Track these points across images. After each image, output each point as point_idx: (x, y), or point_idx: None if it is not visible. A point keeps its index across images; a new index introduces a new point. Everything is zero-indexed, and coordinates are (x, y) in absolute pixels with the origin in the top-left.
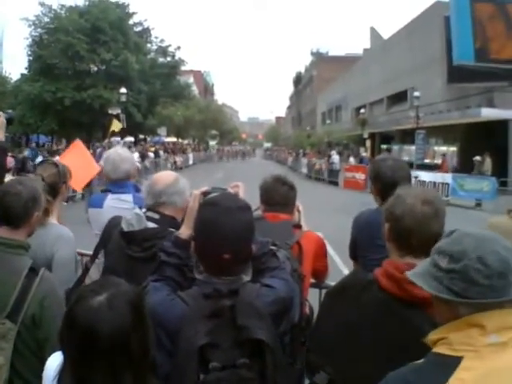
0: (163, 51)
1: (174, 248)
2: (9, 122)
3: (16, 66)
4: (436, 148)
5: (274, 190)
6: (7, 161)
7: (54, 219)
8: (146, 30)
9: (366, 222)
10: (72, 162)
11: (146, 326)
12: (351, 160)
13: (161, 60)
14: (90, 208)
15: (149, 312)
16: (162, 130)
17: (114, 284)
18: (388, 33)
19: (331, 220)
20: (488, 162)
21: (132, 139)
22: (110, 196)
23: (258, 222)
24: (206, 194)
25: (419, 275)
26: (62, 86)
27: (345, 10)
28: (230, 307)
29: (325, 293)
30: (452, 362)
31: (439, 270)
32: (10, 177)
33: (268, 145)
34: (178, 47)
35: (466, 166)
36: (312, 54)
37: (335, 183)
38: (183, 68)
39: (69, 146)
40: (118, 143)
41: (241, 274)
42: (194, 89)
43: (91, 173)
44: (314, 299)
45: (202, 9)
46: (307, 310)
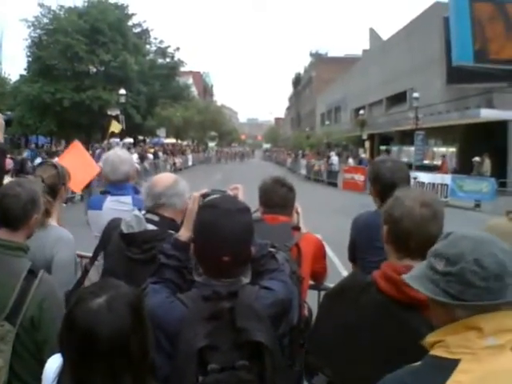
0: (162, 52)
1: (173, 250)
2: (7, 123)
3: (15, 67)
4: (435, 149)
5: (273, 191)
6: (6, 162)
7: (53, 221)
8: (145, 31)
9: (365, 224)
10: (71, 163)
11: (146, 328)
12: (350, 161)
13: (160, 61)
14: (89, 210)
15: (148, 314)
16: (161, 131)
17: (113, 286)
18: (387, 34)
19: (330, 221)
20: (487, 163)
21: (131, 140)
22: (110, 198)
23: (257, 223)
24: (205, 196)
25: (415, 278)
26: (61, 87)
27: (344, 11)
28: (229, 309)
29: (323, 295)
30: (449, 364)
31: (436, 272)
32: (8, 178)
33: (267, 146)
34: (177, 48)
35: (465, 167)
36: (311, 54)
37: (334, 184)
38: (182, 69)
39: (68, 147)
40: (117, 144)
41: (240, 276)
42: (193, 90)
43: (91, 174)
44: (313, 301)
45: (201, 10)
46: (306, 312)
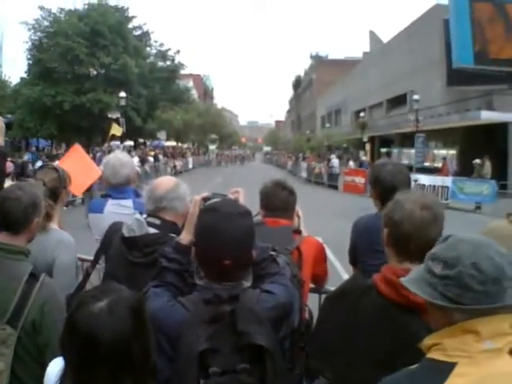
0: (162, 55)
1: (174, 254)
2: (8, 126)
3: (15, 70)
4: (436, 151)
5: (274, 195)
6: (7, 166)
7: (55, 224)
8: (146, 34)
9: (366, 228)
10: (71, 167)
11: (147, 331)
12: (351, 164)
13: (160, 64)
14: (90, 213)
15: (149, 317)
16: (162, 134)
17: (114, 290)
18: (387, 36)
19: (331, 224)
20: (488, 165)
21: (132, 143)
22: (111, 201)
23: (258, 227)
24: (206, 199)
25: (413, 281)
26: (62, 90)
27: (344, 13)
28: (230, 313)
29: (324, 298)
30: (446, 367)
31: (433, 276)
32: (9, 182)
33: (268, 149)
34: (178, 51)
35: (465, 170)
36: (311, 57)
37: (335, 187)
38: (183, 72)
39: (68, 150)
40: (117, 147)
41: (241, 280)
42: (194, 93)
43: (92, 177)
44: (314, 304)
45: (200, 13)
46: (307, 315)
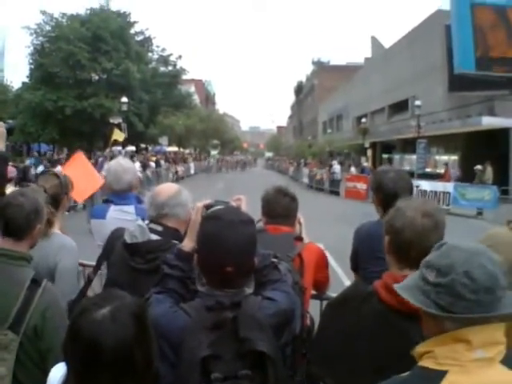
0: (164, 60)
1: (176, 261)
2: (9, 132)
3: (17, 75)
4: (437, 157)
5: (275, 202)
6: (9, 170)
7: (56, 229)
8: (148, 39)
9: (367, 234)
10: (74, 174)
11: (150, 338)
12: (352, 170)
13: (162, 69)
14: (92, 219)
15: (152, 324)
16: (164, 140)
17: (117, 297)
18: (389, 42)
19: (333, 230)
20: (489, 171)
21: (133, 148)
22: (113, 207)
23: (260, 234)
24: (208, 207)
25: (407, 288)
26: (63, 95)
27: (346, 19)
28: (232, 319)
29: (326, 304)
30: (436, 375)
31: (427, 283)
32: (11, 187)
33: (269, 154)
34: (179, 56)
35: (467, 175)
36: (313, 63)
37: (336, 193)
38: (184, 77)
39: (70, 154)
40: (119, 153)
41: (243, 287)
42: (196, 98)
43: (94, 185)
44: (315, 310)
45: (202, 18)
46: (308, 322)
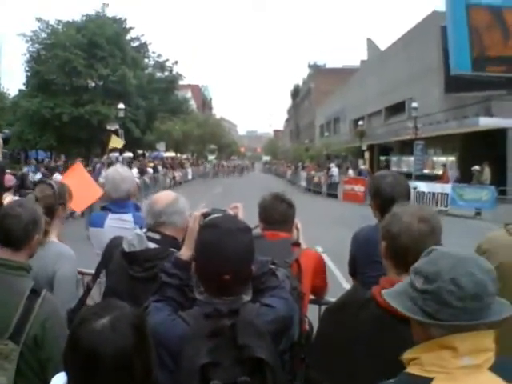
0: (161, 66)
1: (174, 269)
2: (5, 141)
3: (14, 82)
4: (435, 158)
5: (272, 208)
6: (8, 179)
7: (53, 237)
8: (144, 45)
9: (365, 239)
10: (73, 184)
11: (149, 347)
12: (350, 172)
13: (158, 75)
14: (90, 227)
15: (150, 332)
16: (161, 145)
17: (116, 307)
18: (385, 44)
19: (331, 233)
20: (487, 172)
21: (131, 155)
22: (111, 216)
23: (258, 240)
24: (206, 215)
25: (395, 294)
26: (60, 102)
27: (341, 21)
28: (230, 327)
29: (324, 309)
30: (422, 382)
31: (415, 290)
32: (10, 195)
33: (267, 158)
34: (176, 62)
35: (465, 176)
36: (309, 66)
37: (334, 196)
38: (181, 82)
39: (67, 161)
40: (116, 159)
41: (241, 294)
42: (192, 103)
43: (93, 196)
44: (314, 315)
45: (197, 24)
46: (307, 327)
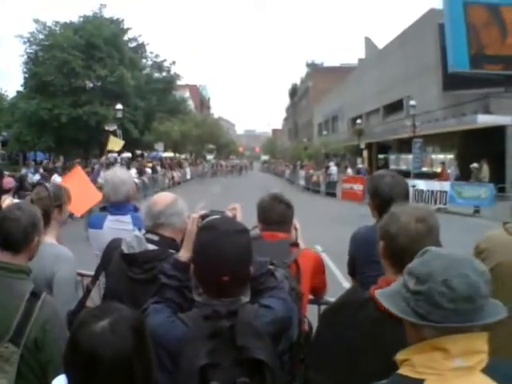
0: (158, 66)
1: (173, 271)
2: (3, 144)
3: (12, 84)
4: (433, 156)
5: (271, 209)
6: (7, 181)
7: (50, 238)
8: (141, 46)
9: (364, 239)
10: (73, 187)
11: (148, 349)
12: (349, 171)
13: (156, 75)
14: (89, 228)
15: (150, 333)
16: (160, 146)
17: (115, 309)
18: (383, 42)
19: (330, 232)
20: (485, 169)
21: (129, 155)
22: (110, 217)
23: (256, 241)
24: (204, 217)
25: (388, 295)
26: (58, 103)
27: (339, 20)
28: (229, 328)
29: (324, 309)
30: None
31: (408, 291)
32: (10, 197)
33: (265, 157)
34: (173, 62)
35: (463, 174)
36: (307, 65)
37: (333, 195)
38: (179, 83)
39: (66, 163)
40: (115, 160)
41: (239, 296)
42: (190, 103)
43: (93, 200)
44: (313, 315)
45: (194, 24)
46: (306, 327)
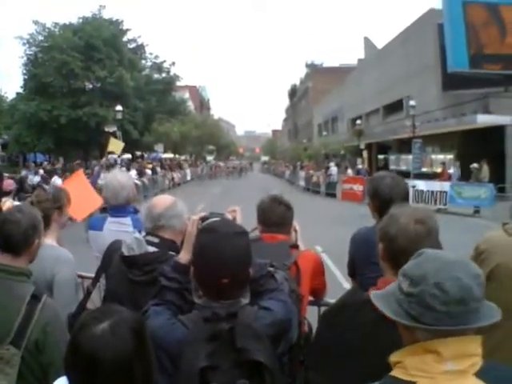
0: (158, 67)
1: (173, 273)
2: (4, 146)
3: (11, 85)
4: (433, 156)
5: (270, 210)
6: (7, 183)
7: (50, 240)
8: (140, 47)
9: (363, 240)
10: (74, 191)
11: (148, 351)
12: (349, 172)
13: (156, 76)
14: (90, 230)
15: (150, 335)
16: (159, 147)
17: (116, 312)
18: (382, 42)
19: (330, 233)
20: (485, 169)
21: (129, 156)
22: (110, 219)
23: (256, 243)
24: (204, 219)
25: (383, 296)
26: (58, 105)
27: (338, 20)
28: (228, 330)
29: (323, 311)
30: None
31: (402, 293)
32: (10, 199)
33: (265, 158)
34: (173, 63)
35: (463, 174)
36: (307, 65)
37: (333, 195)
38: (178, 83)
39: (66, 164)
40: (115, 161)
41: (239, 298)
42: (190, 104)
43: (93, 205)
44: (313, 316)
45: (194, 25)
46: (306, 328)
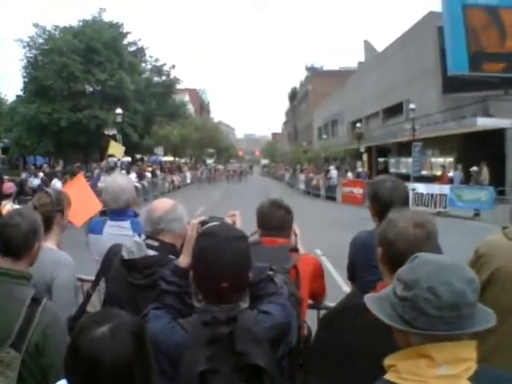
0: (158, 70)
1: (173, 276)
2: (4, 150)
3: (11, 88)
4: (433, 159)
5: (270, 214)
6: (8, 186)
7: (52, 244)
8: (141, 50)
9: (363, 244)
10: (74, 195)
11: (148, 355)
12: (349, 175)
13: (156, 79)
14: (89, 234)
15: (150, 339)
16: (159, 150)
17: (116, 315)
18: (382, 45)
19: (330, 236)
20: (485, 172)
21: (129, 159)
22: (109, 223)
23: (256, 246)
24: (203, 223)
25: (377, 300)
26: (58, 107)
27: (338, 23)
28: (228, 334)
29: (323, 314)
30: None
31: (396, 296)
32: (10, 202)
33: (265, 161)
34: (173, 66)
35: (463, 177)
36: (307, 69)
37: (333, 198)
38: (178, 87)
39: (66, 167)
40: (115, 164)
41: (238, 302)
42: (190, 107)
43: (93, 210)
44: (312, 320)
45: (194, 28)
46: (305, 332)
